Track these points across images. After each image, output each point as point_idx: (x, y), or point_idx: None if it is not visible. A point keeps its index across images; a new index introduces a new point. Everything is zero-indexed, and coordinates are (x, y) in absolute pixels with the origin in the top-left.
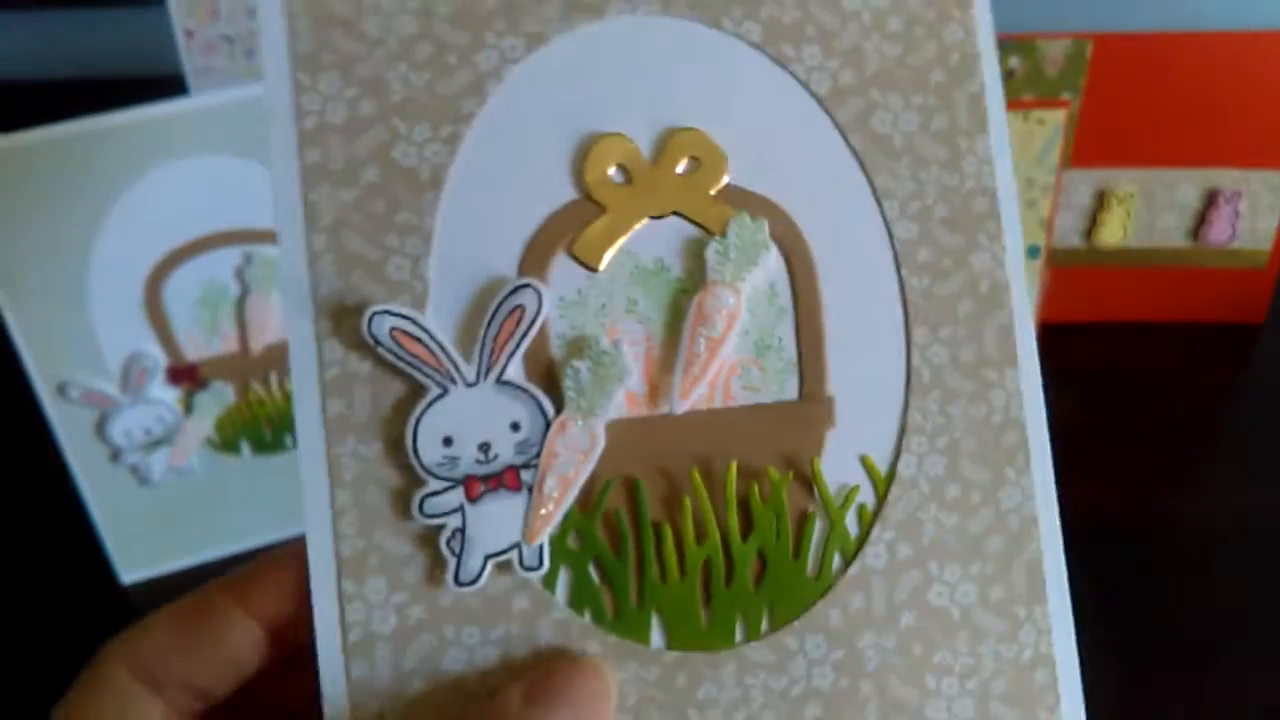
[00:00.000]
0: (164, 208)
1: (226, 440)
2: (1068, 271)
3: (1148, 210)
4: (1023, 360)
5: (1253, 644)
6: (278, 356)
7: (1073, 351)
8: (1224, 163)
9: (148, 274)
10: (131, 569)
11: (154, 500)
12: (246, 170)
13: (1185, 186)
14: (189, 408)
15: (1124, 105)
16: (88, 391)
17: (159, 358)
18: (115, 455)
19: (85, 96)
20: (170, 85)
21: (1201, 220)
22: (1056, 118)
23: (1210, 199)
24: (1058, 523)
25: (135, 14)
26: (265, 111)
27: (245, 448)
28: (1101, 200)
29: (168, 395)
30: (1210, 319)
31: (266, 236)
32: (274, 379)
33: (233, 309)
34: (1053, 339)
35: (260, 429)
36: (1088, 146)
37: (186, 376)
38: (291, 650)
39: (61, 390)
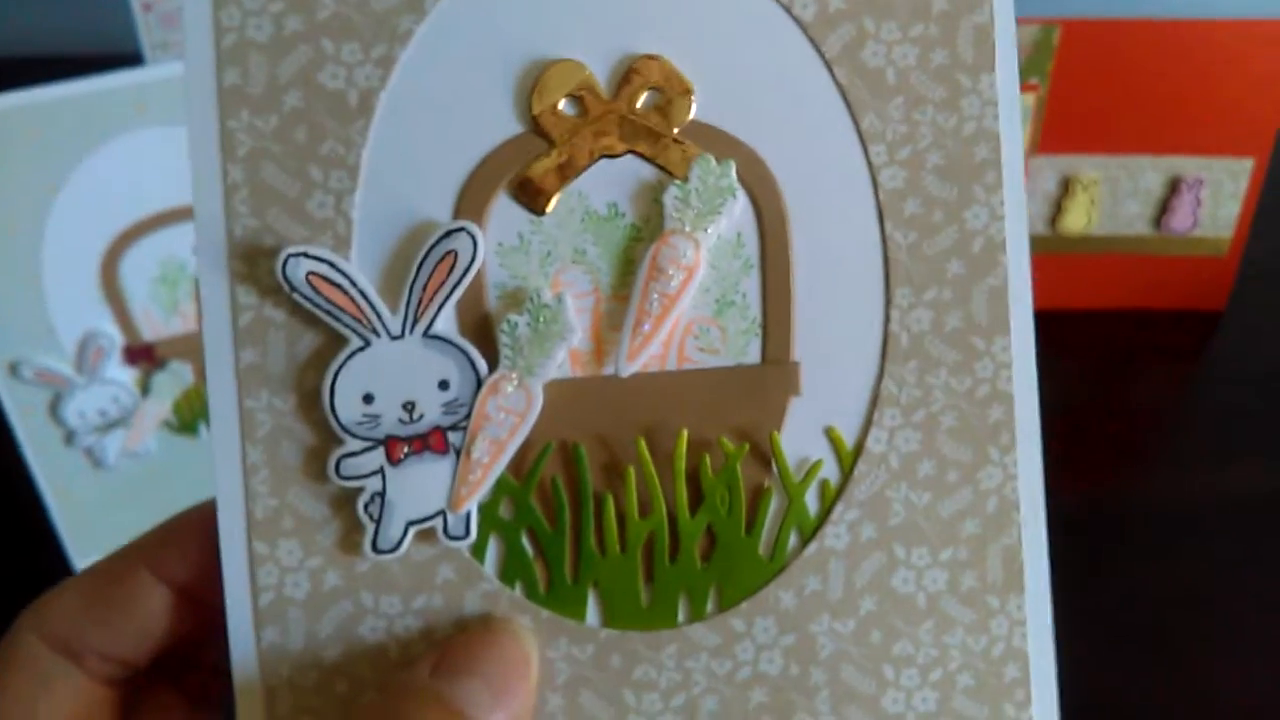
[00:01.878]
0: (121, 182)
1: (184, 422)
2: (1033, 259)
3: (1112, 197)
4: (1016, 328)
5: (1220, 628)
6: None
7: (1036, 338)
8: (1187, 150)
9: (104, 250)
10: (86, 555)
11: (109, 484)
12: None
13: (1149, 174)
14: (146, 388)
15: (1090, 91)
16: (41, 371)
17: (115, 336)
18: (69, 437)
19: (39, 74)
20: (128, 63)
21: (1164, 208)
22: (1024, 102)
23: (1173, 186)
24: (1042, 507)
25: None
26: (183, 26)
27: (204, 430)
28: (1067, 187)
29: (124, 375)
30: (1173, 306)
31: None
32: None
33: (191, 286)
34: None
35: None
36: (1054, 132)
37: (143, 356)
38: (208, 615)
39: (13, 370)
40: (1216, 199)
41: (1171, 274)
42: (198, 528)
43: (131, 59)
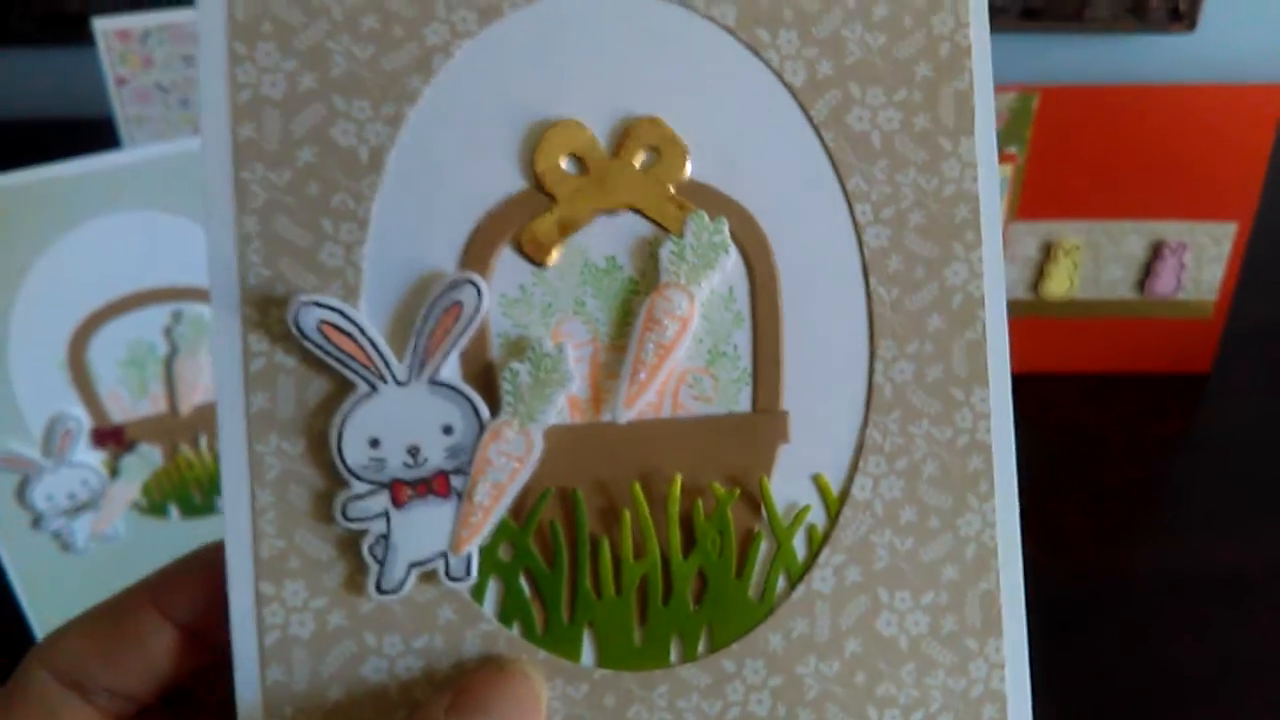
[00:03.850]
0: (89, 264)
1: (154, 504)
2: (1015, 323)
3: (1094, 262)
4: (994, 380)
5: (1205, 700)
6: (207, 417)
7: (1020, 403)
8: (1169, 215)
9: (71, 333)
10: None
11: (78, 568)
12: (175, 226)
13: (1131, 238)
14: (115, 471)
15: (1070, 158)
16: (7, 455)
17: (83, 419)
18: (37, 521)
19: (14, 139)
20: (103, 129)
21: (1147, 272)
22: (1003, 171)
23: (1156, 251)
24: (1019, 553)
25: (66, 54)
26: (199, 81)
27: (174, 511)
28: (1048, 252)
29: (92, 458)
30: (1158, 369)
31: (196, 294)
32: (203, 441)
33: (160, 369)
34: None
35: (189, 492)
36: (1034, 199)
37: (112, 439)
38: (213, 654)
39: None
40: (1200, 262)
41: (1156, 337)
42: (204, 568)
43: (106, 124)
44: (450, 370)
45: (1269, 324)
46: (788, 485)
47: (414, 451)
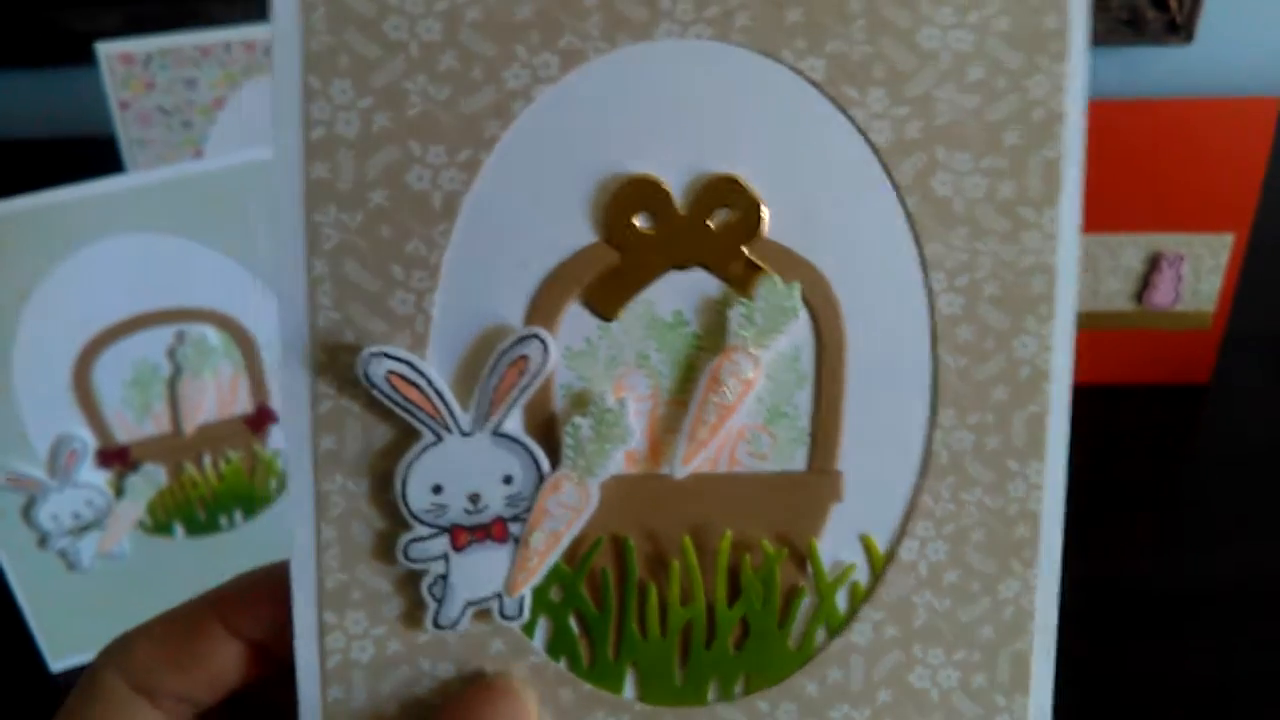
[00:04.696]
0: (93, 287)
1: (159, 523)
2: None
3: (1092, 274)
4: (1051, 454)
5: (1205, 711)
6: (211, 437)
7: None
8: (1166, 227)
9: (76, 354)
10: (62, 657)
11: (84, 586)
12: (178, 248)
13: (1129, 250)
14: (120, 490)
15: None
16: (13, 476)
17: (88, 440)
18: (43, 540)
19: (17, 159)
20: (105, 149)
21: (1145, 284)
22: None
23: (1153, 262)
24: (1055, 617)
25: (69, 75)
26: (272, 115)
27: (179, 530)
28: None
29: (97, 478)
30: (1157, 380)
31: (199, 315)
32: (207, 460)
33: (164, 389)
34: None
35: (194, 510)
36: None
37: (117, 459)
38: (277, 665)
39: None
40: (1198, 274)
41: (1155, 348)
42: (269, 589)
43: (109, 142)
44: (514, 421)
45: (1267, 334)
46: (836, 543)
47: (475, 499)
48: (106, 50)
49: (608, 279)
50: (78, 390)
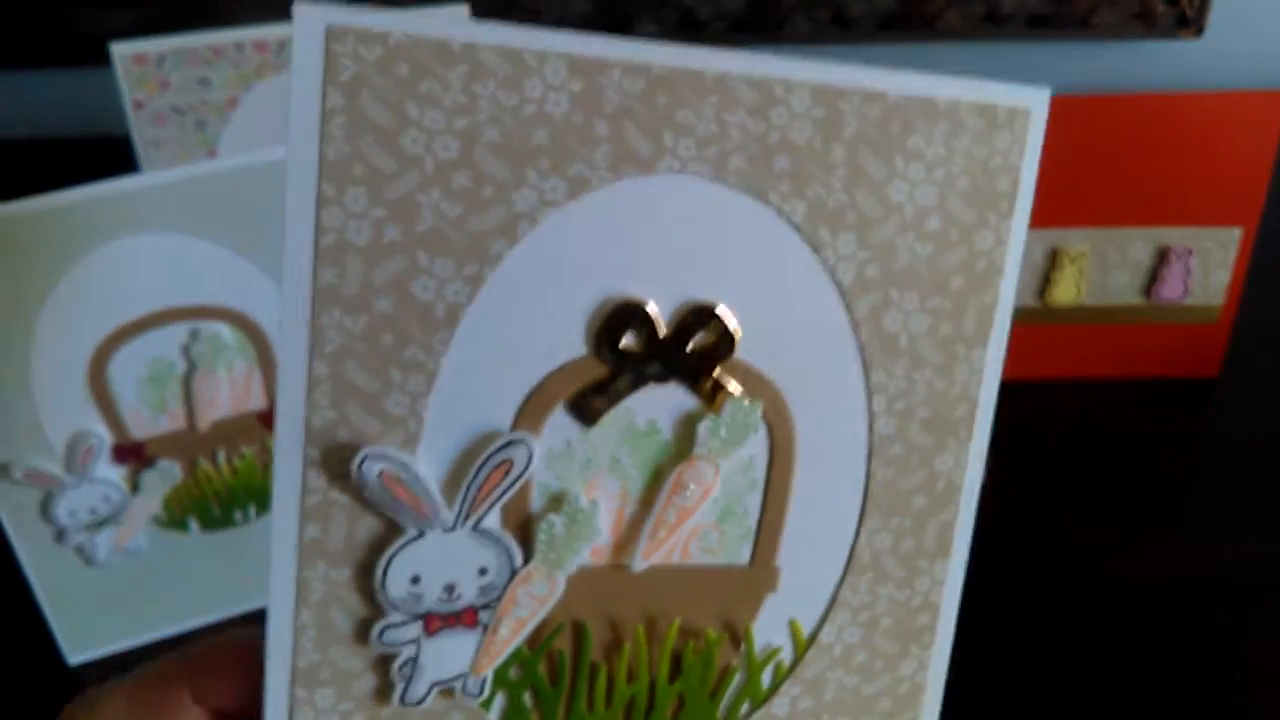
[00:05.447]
0: (109, 286)
1: (174, 518)
2: (1023, 330)
3: (1100, 269)
4: (955, 554)
5: (1213, 701)
6: (225, 433)
7: (1029, 409)
8: (1175, 221)
9: (92, 352)
10: (79, 650)
11: (101, 581)
12: (192, 248)
13: (1137, 245)
14: (135, 486)
15: (1075, 166)
16: (31, 471)
17: (104, 436)
18: (60, 535)
19: (35, 157)
20: (120, 147)
21: (1154, 277)
22: None
23: (1162, 256)
24: (941, 691)
25: (84, 75)
26: (286, 219)
27: (194, 525)
28: (1054, 259)
29: (113, 474)
30: (1165, 374)
31: (213, 313)
32: (221, 455)
33: (179, 386)
34: (1009, 397)
35: (209, 506)
36: (1040, 206)
37: (133, 455)
38: None
39: (4, 470)
40: (1206, 267)
41: (1163, 342)
42: (237, 660)
43: (124, 141)
44: (492, 518)
45: (1276, 327)
46: (767, 628)
47: (450, 589)
48: (121, 50)
49: (594, 390)
50: (94, 387)
